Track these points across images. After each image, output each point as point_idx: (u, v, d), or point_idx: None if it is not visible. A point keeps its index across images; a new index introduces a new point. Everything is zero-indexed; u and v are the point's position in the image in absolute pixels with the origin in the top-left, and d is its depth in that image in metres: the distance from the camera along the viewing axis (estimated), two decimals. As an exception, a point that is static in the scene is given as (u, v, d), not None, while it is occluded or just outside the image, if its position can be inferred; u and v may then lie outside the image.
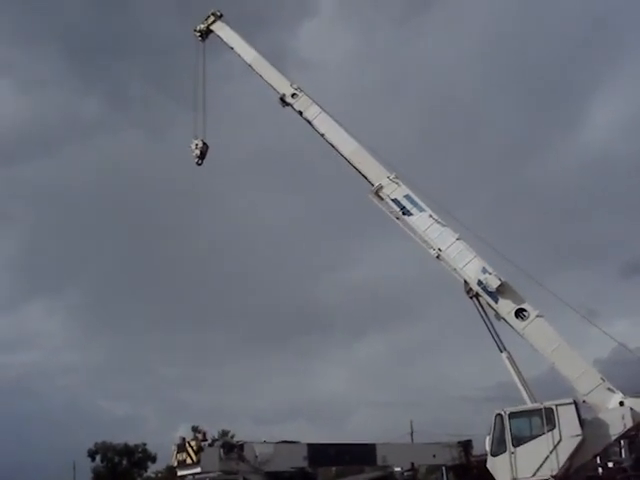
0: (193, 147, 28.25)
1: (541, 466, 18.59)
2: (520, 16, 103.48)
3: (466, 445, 35.71)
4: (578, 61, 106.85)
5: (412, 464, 34.47)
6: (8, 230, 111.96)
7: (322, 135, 24.86)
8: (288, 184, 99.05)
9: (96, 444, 62.95)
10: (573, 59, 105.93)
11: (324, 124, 24.90)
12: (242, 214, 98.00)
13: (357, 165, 24.05)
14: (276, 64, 26.72)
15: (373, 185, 23.47)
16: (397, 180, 23.10)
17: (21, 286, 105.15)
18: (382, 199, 23.20)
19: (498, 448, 19.69)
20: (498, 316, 20.80)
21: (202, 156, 28.35)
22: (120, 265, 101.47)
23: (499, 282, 20.53)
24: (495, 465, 19.66)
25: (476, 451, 33.56)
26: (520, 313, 20.37)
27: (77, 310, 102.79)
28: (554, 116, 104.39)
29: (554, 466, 18.39)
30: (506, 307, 20.58)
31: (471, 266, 21.30)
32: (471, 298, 21.35)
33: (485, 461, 20.42)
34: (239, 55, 27.35)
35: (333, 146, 24.62)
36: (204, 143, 28.23)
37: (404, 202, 22.76)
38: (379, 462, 33.56)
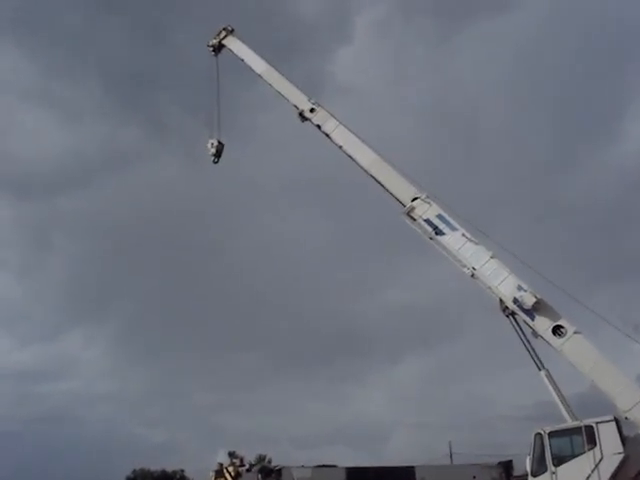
0: (209, 146, 29.15)
1: (583, 485, 18.32)
2: (551, 32, 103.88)
3: (507, 465, 35.50)
4: (610, 74, 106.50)
5: (452, 486, 34.24)
6: (49, 260, 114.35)
7: (340, 147, 25.14)
8: (325, 208, 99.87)
9: (134, 471, 63.44)
10: (605, 72, 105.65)
11: (342, 137, 25.18)
12: (279, 237, 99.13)
13: (380, 179, 24.11)
14: (314, 90, 27.28)
15: (399, 201, 23.56)
16: (428, 200, 23.04)
17: (62, 315, 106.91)
18: (415, 220, 23.16)
19: (539, 468, 19.43)
20: (535, 334, 20.51)
21: (218, 154, 29.21)
22: (159, 294, 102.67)
23: (535, 299, 20.28)
24: (536, 485, 19.43)
25: (517, 471, 33.25)
26: (557, 330, 20.07)
27: (116, 338, 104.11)
28: (588, 131, 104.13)
29: (597, 485, 18.12)
30: (543, 324, 20.29)
31: (506, 284, 21.07)
32: (507, 316, 21.10)
33: (526, 481, 20.20)
34: (250, 67, 28.03)
35: (352, 158, 24.81)
36: (219, 142, 29.07)
37: (436, 222, 22.65)
38: (418, 484, 33.38)
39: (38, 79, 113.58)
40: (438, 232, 22.57)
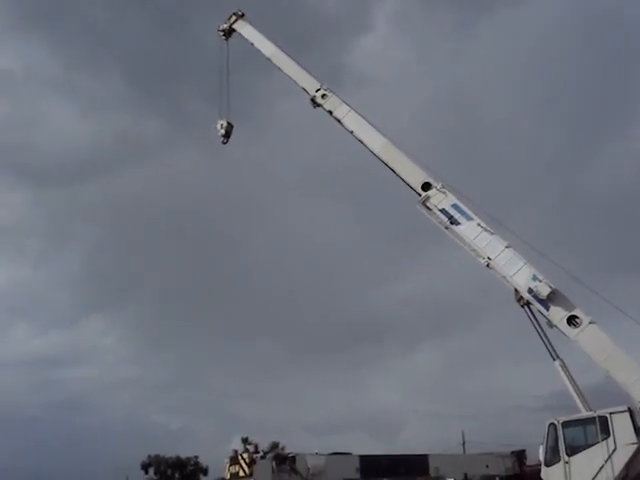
0: (218, 127, 29.55)
1: (596, 475, 18.31)
2: (567, 24, 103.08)
3: (520, 455, 35.49)
4: (627, 65, 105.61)
5: (465, 475, 34.26)
6: (70, 248, 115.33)
7: (351, 132, 25.31)
8: (342, 197, 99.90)
9: (149, 457, 63.81)
10: (622, 64, 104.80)
11: (353, 122, 25.36)
12: (295, 228, 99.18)
13: (390, 164, 24.22)
14: (334, 81, 27.35)
15: (411, 187, 23.65)
16: (444, 190, 23.03)
17: (81, 302, 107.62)
18: (430, 209, 23.17)
19: (552, 458, 19.47)
20: (550, 324, 20.52)
21: (227, 135, 29.64)
22: (177, 281, 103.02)
23: (550, 289, 20.27)
24: (549, 475, 19.46)
25: (530, 461, 33.28)
26: (572, 320, 20.05)
27: (135, 325, 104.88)
28: (606, 118, 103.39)
29: (609, 475, 18.11)
30: (558, 314, 20.27)
31: (521, 274, 21.06)
32: (522, 306, 21.11)
33: (539, 471, 20.20)
34: (259, 50, 28.26)
35: (363, 143, 24.97)
36: (229, 123, 29.43)
37: (452, 211, 22.64)
38: (432, 473, 33.46)
39: (61, 70, 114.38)
40: (454, 222, 22.56)
